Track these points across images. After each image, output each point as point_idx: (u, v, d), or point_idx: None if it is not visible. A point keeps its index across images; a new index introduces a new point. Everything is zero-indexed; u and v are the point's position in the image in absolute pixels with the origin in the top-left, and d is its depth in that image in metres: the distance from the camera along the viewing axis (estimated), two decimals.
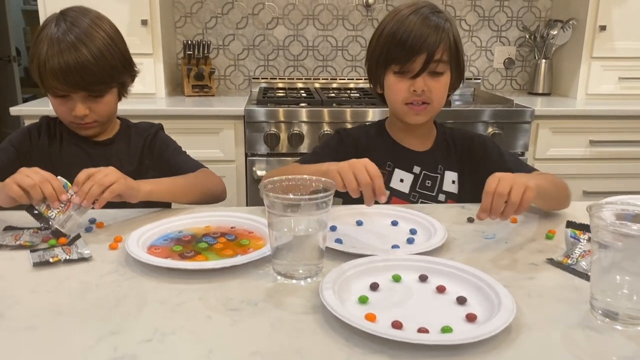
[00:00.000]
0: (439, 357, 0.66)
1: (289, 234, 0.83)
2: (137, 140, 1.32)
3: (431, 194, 1.27)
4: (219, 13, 2.87)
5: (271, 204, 0.82)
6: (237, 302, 0.78)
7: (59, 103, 1.21)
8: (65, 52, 1.12)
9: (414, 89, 1.18)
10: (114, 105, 1.26)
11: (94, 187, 0.99)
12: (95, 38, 1.16)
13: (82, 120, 1.21)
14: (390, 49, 1.17)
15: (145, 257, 0.88)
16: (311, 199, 0.81)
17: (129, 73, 1.27)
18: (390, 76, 1.20)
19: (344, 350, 0.67)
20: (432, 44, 1.14)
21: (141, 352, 0.66)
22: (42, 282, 0.84)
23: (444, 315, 0.75)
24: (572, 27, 2.72)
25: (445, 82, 1.22)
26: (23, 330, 0.71)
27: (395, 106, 1.23)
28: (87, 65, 1.13)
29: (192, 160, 1.32)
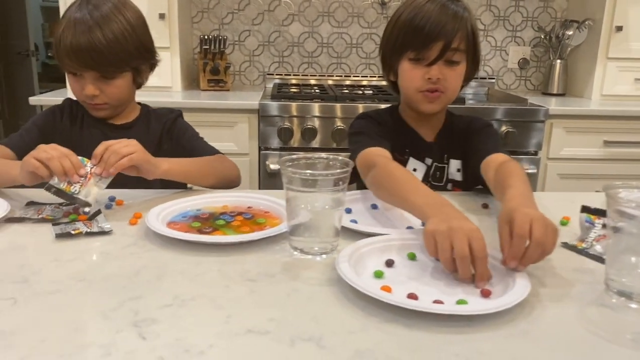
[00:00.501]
0: (454, 327, 0.67)
1: (306, 210, 0.84)
2: (156, 125, 1.34)
3: (440, 185, 1.27)
4: (235, 9, 2.90)
5: (289, 179, 0.83)
6: (254, 274, 0.80)
7: (73, 81, 1.24)
8: (79, 33, 1.15)
9: (429, 77, 1.18)
10: (126, 90, 1.28)
11: (112, 157, 1.00)
12: (113, 22, 1.18)
13: (92, 101, 1.23)
14: (406, 35, 1.17)
15: (164, 230, 0.90)
16: (328, 174, 0.82)
17: (145, 60, 1.29)
18: (405, 63, 1.20)
19: (360, 319, 0.68)
20: (450, 32, 1.15)
21: (161, 315, 0.68)
22: (63, 253, 0.86)
23: (459, 290, 0.76)
24: (588, 28, 2.71)
25: (460, 72, 1.22)
26: (47, 294, 0.73)
27: (409, 93, 1.23)
28: (99, 47, 1.16)
29: (208, 146, 1.34)
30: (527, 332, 0.66)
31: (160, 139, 1.34)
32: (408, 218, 1.04)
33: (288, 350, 0.61)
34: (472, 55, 1.22)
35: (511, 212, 0.81)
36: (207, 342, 0.62)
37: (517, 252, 0.77)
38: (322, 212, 0.85)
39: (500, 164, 1.08)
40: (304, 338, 0.63)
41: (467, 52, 1.20)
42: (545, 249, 0.77)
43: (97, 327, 0.65)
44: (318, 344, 0.62)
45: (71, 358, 0.58)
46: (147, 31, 1.27)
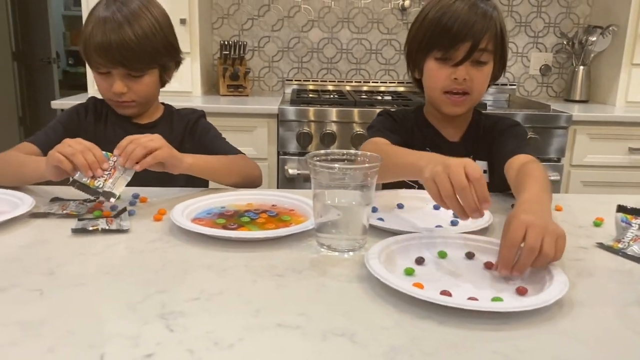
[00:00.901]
0: (490, 324, 0.64)
1: (334, 206, 0.82)
2: (179, 125, 1.34)
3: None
4: (255, 15, 2.91)
5: (317, 174, 0.82)
6: (281, 269, 0.78)
7: (101, 79, 1.24)
8: (109, 31, 1.16)
9: (455, 77, 1.16)
10: (153, 88, 1.28)
11: (137, 149, 1.00)
12: (142, 19, 1.19)
13: (120, 98, 1.23)
14: (434, 34, 1.15)
15: (190, 226, 0.88)
16: (357, 169, 0.81)
17: (172, 58, 1.29)
18: (431, 62, 1.19)
19: (392, 315, 0.66)
20: (479, 32, 1.12)
21: (189, 308, 0.66)
22: (88, 247, 0.85)
23: (493, 288, 0.74)
24: (612, 34, 2.67)
25: (487, 73, 1.19)
26: (73, 286, 0.72)
27: (434, 94, 1.21)
28: (129, 44, 1.16)
29: (230, 146, 1.33)
30: (567, 331, 0.64)
31: (183, 138, 1.33)
32: (436, 216, 1.02)
33: (320, 344, 0.59)
34: (500, 56, 1.20)
35: (510, 219, 0.77)
36: (236, 336, 0.60)
37: (506, 259, 0.74)
38: (350, 208, 0.83)
39: (522, 165, 1.04)
40: (337, 333, 0.61)
41: (495, 52, 1.18)
42: (544, 255, 0.73)
43: (124, 318, 0.64)
44: (351, 339, 0.60)
45: (99, 349, 0.57)
46: (172, 29, 1.27)
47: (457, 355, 0.58)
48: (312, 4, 2.90)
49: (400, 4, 2.88)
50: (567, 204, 1.13)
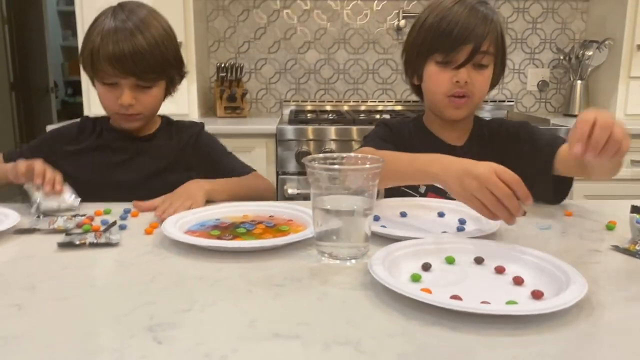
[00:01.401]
0: (505, 329, 0.59)
1: (334, 211, 0.78)
2: (178, 137, 1.30)
3: None
4: (252, 38, 2.90)
5: (316, 178, 0.77)
6: (279, 279, 0.73)
7: (106, 91, 1.19)
8: (121, 40, 1.12)
9: (457, 80, 1.13)
10: (160, 100, 1.24)
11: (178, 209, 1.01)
12: (152, 27, 1.16)
13: (127, 111, 1.19)
14: (434, 38, 1.13)
15: (182, 237, 0.84)
16: (358, 169, 0.77)
17: (178, 70, 1.26)
18: (432, 66, 1.16)
19: (400, 323, 0.61)
20: (480, 35, 1.11)
21: (179, 320, 0.61)
22: (74, 261, 0.80)
23: (506, 293, 0.69)
24: (609, 47, 2.67)
25: (488, 76, 1.17)
26: (54, 300, 0.67)
27: (435, 98, 1.18)
28: (142, 52, 1.13)
29: (241, 163, 1.31)
30: (590, 334, 0.59)
31: (184, 151, 1.29)
32: (442, 223, 0.98)
33: (322, 354, 0.54)
34: (500, 59, 1.19)
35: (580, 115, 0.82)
36: (229, 347, 0.55)
37: (581, 133, 0.79)
38: (351, 213, 0.79)
39: None
40: (340, 342, 0.56)
41: (495, 55, 1.16)
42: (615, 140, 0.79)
43: (108, 332, 0.59)
44: (356, 348, 0.55)
45: None
46: (177, 39, 1.25)
47: None
48: (308, 25, 2.90)
49: (395, 24, 2.88)
50: (576, 210, 1.08)
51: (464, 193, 0.84)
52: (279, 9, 2.87)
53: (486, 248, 0.80)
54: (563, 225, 0.99)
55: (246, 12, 2.87)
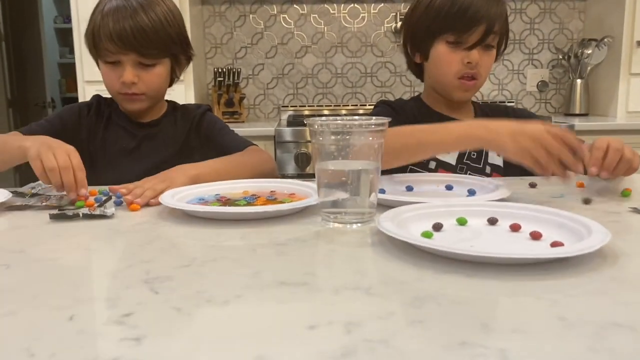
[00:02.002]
0: (526, 275, 0.55)
1: (338, 172, 0.74)
2: (183, 121, 1.27)
3: (478, 166, 1.17)
4: (249, 43, 2.89)
5: (320, 134, 0.74)
6: (283, 240, 0.69)
7: (109, 70, 1.16)
8: (123, 18, 1.10)
9: (469, 61, 1.12)
10: (164, 80, 1.20)
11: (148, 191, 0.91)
12: (156, 6, 1.13)
13: (130, 89, 1.15)
14: (447, 17, 1.11)
15: (180, 205, 0.80)
16: (363, 124, 0.73)
17: (184, 50, 1.22)
18: (442, 46, 1.13)
19: (413, 272, 0.57)
20: (494, 16, 1.10)
21: (179, 274, 0.57)
22: (67, 230, 0.76)
23: (524, 247, 0.65)
24: (608, 45, 2.66)
25: (493, 56, 1.17)
26: (45, 260, 0.63)
27: (445, 79, 1.16)
28: (144, 29, 1.10)
29: (240, 138, 1.26)
30: (617, 278, 0.55)
31: (188, 135, 1.26)
32: (450, 195, 0.94)
33: (332, 297, 0.50)
34: (505, 40, 1.19)
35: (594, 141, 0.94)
36: (232, 294, 0.51)
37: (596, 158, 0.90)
38: (356, 174, 0.75)
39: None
40: (350, 288, 0.52)
41: (500, 35, 1.16)
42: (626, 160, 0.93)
43: (102, 284, 0.55)
44: (367, 292, 0.51)
45: (68, 311, 0.48)
46: (183, 21, 1.22)
47: (493, 303, 0.49)
48: (306, 30, 2.89)
49: (392, 27, 2.88)
50: (588, 182, 1.05)
51: (520, 151, 0.85)
52: (275, 14, 2.87)
53: (499, 209, 0.77)
54: (576, 195, 0.95)
55: (243, 18, 2.87)
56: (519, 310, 0.47)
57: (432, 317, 0.46)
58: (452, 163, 1.16)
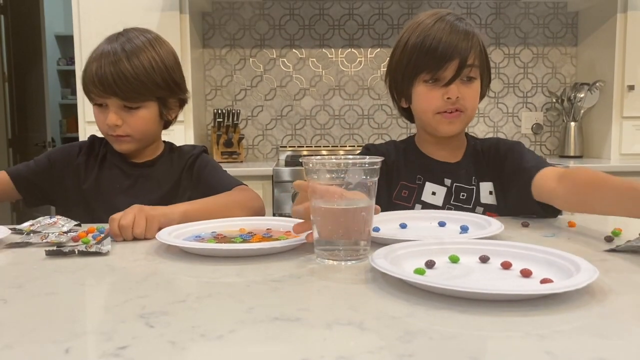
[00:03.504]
0: (517, 311, 0.56)
1: (334, 207, 0.75)
2: (178, 162, 1.29)
3: (467, 207, 1.18)
4: (248, 85, 2.96)
5: (315, 172, 0.76)
6: (278, 276, 0.70)
7: (98, 112, 1.20)
8: (106, 64, 1.14)
9: (448, 97, 1.13)
10: (151, 123, 1.23)
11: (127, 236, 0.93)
12: (142, 54, 1.16)
13: (114, 132, 1.18)
14: (419, 58, 1.13)
15: (177, 242, 0.81)
16: (358, 163, 0.75)
17: (173, 94, 1.24)
18: (420, 86, 1.16)
19: (405, 307, 0.58)
20: (464, 50, 1.11)
21: (174, 309, 0.58)
22: (63, 266, 0.77)
23: (515, 284, 0.66)
24: (600, 89, 2.72)
25: (477, 89, 1.17)
26: (43, 295, 0.64)
27: (427, 117, 1.17)
28: (126, 75, 1.13)
29: (228, 178, 1.27)
30: (602, 315, 0.56)
31: (181, 175, 1.27)
32: (444, 231, 0.95)
33: (325, 332, 0.51)
34: (486, 71, 1.20)
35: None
36: (227, 328, 0.52)
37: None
38: (351, 212, 0.76)
39: (566, 172, 1.05)
40: (342, 323, 0.53)
41: (481, 67, 1.17)
42: None
43: (98, 318, 0.56)
44: (360, 327, 0.52)
45: (64, 344, 0.48)
46: (179, 67, 1.25)
47: (483, 338, 0.50)
48: (304, 73, 2.96)
49: None
50: (580, 221, 1.06)
51: None
52: (274, 58, 2.94)
53: (491, 247, 0.78)
54: (568, 234, 0.97)
55: (243, 62, 2.94)
56: (508, 345, 0.48)
57: (422, 351, 0.46)
58: (439, 205, 1.18)
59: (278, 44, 2.93)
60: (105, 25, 1.23)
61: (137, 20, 2.37)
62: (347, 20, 2.93)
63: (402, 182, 1.20)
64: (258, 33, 2.92)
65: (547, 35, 2.95)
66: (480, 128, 2.99)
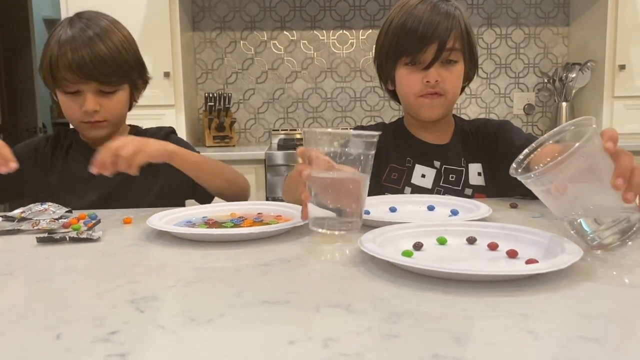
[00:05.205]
0: (502, 291, 0.57)
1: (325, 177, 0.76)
2: None
3: (457, 188, 1.19)
4: (239, 69, 2.94)
5: (316, 142, 0.77)
6: (268, 260, 0.71)
7: (69, 100, 1.17)
8: (80, 48, 1.12)
9: (427, 80, 1.13)
10: (125, 106, 1.23)
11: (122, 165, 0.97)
12: (112, 34, 1.16)
13: (92, 118, 1.17)
14: (399, 41, 1.13)
15: (168, 227, 0.82)
16: (359, 134, 0.76)
17: (141, 75, 1.25)
18: (402, 69, 1.16)
19: (392, 289, 0.59)
20: (444, 32, 1.11)
21: (164, 294, 0.59)
22: (55, 253, 0.78)
23: (501, 265, 0.67)
24: (591, 69, 2.72)
25: (459, 72, 1.17)
26: (34, 282, 0.64)
27: (409, 100, 1.18)
28: (103, 58, 1.12)
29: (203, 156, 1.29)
30: (585, 294, 0.57)
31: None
32: (433, 215, 0.96)
33: (313, 315, 0.52)
34: (469, 54, 1.18)
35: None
36: (216, 312, 0.53)
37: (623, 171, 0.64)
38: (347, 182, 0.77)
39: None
40: (330, 305, 0.54)
41: (463, 50, 1.15)
42: None
43: (89, 304, 0.56)
44: (347, 309, 0.53)
45: (56, 330, 0.49)
46: (137, 47, 1.24)
47: (467, 318, 0.51)
48: (296, 55, 2.95)
49: None
50: None
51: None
52: (265, 40, 2.92)
53: (478, 229, 0.79)
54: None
55: (233, 44, 2.92)
56: (491, 325, 0.49)
57: (408, 331, 0.47)
58: (428, 187, 1.18)
59: (269, 26, 2.91)
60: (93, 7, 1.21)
61: (125, 2, 2.35)
62: (338, 1, 2.91)
63: (392, 165, 1.21)
64: (248, 15, 2.90)
65: (539, 15, 2.94)
66: (473, 109, 2.99)
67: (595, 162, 0.65)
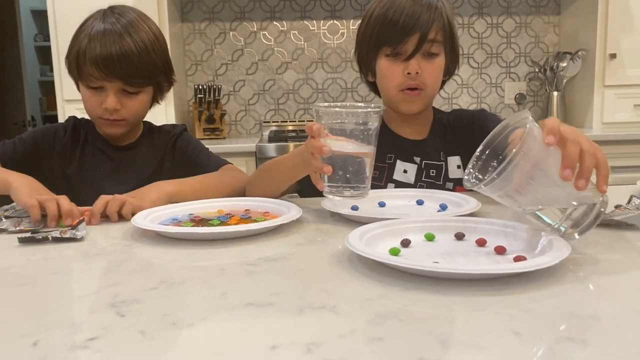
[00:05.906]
0: (489, 290, 0.56)
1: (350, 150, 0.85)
2: (160, 143, 1.26)
3: (438, 183, 1.18)
4: (229, 60, 2.91)
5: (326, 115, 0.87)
6: (254, 259, 0.70)
7: (91, 94, 1.14)
8: (110, 42, 1.09)
9: (408, 72, 1.11)
10: (146, 106, 1.19)
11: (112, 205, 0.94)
12: (142, 31, 1.13)
13: (111, 116, 1.14)
14: (381, 31, 1.11)
15: (152, 226, 0.80)
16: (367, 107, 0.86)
17: (167, 77, 1.22)
18: (383, 60, 1.14)
19: (378, 289, 0.58)
20: (426, 23, 1.09)
21: (145, 297, 0.57)
22: (36, 253, 0.76)
23: (489, 262, 0.66)
24: (582, 58, 2.72)
25: (440, 65, 1.15)
26: (14, 286, 0.63)
27: (390, 93, 1.16)
28: (130, 56, 1.09)
29: (215, 158, 1.26)
30: (573, 292, 0.56)
31: (163, 156, 1.25)
32: (422, 210, 0.96)
33: (297, 318, 0.51)
34: (450, 47, 1.16)
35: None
36: (198, 316, 0.52)
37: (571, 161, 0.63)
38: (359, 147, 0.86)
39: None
40: (315, 307, 0.53)
41: (444, 43, 1.14)
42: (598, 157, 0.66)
43: (68, 309, 0.55)
44: (332, 310, 0.52)
45: (33, 337, 0.48)
46: (167, 45, 1.21)
47: (453, 319, 0.51)
48: (286, 46, 2.92)
49: None
50: None
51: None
52: (255, 31, 2.89)
53: (466, 224, 0.78)
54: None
55: (223, 35, 2.89)
56: (477, 326, 0.49)
57: (392, 334, 0.47)
58: (410, 183, 1.17)
59: (258, 16, 2.88)
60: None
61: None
62: None
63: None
64: (238, 6, 2.86)
65: (530, 4, 2.93)
66: (464, 99, 2.98)
67: (539, 160, 0.64)
